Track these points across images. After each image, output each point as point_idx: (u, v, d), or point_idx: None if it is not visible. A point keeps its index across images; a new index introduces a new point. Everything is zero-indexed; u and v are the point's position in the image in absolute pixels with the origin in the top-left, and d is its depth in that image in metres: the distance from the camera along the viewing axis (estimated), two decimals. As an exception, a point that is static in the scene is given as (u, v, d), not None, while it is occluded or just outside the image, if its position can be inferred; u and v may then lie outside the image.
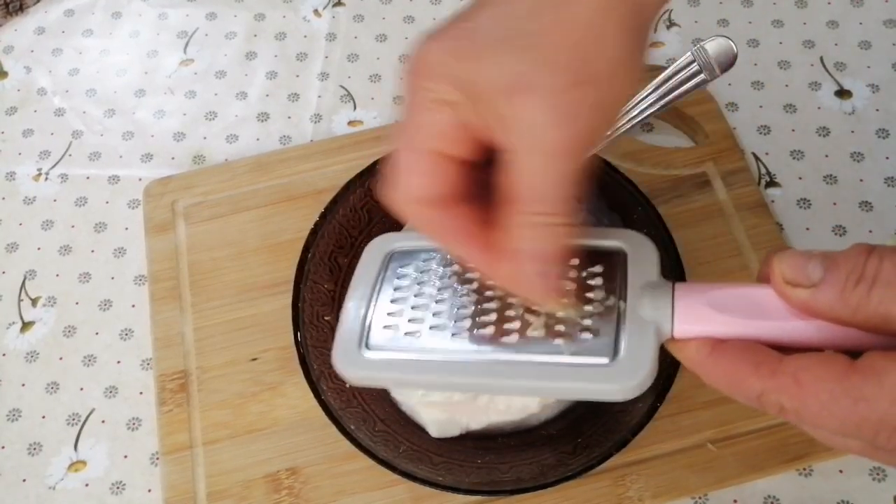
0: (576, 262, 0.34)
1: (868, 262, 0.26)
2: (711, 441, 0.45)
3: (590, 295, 0.33)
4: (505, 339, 0.33)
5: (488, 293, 0.35)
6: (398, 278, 0.37)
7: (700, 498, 0.44)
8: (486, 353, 0.33)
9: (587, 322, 0.32)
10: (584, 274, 0.34)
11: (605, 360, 0.31)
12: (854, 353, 0.27)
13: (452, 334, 0.33)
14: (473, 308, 0.34)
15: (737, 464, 0.44)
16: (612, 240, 0.35)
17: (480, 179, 0.31)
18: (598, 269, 0.34)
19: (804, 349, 0.28)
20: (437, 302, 0.35)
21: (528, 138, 0.28)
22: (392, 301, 0.36)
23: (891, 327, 0.25)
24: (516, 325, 0.33)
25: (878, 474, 0.44)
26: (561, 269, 0.31)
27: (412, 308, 0.35)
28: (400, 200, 0.31)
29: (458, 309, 0.34)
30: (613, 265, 0.34)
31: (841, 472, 0.44)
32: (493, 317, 0.33)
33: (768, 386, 0.27)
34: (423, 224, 0.31)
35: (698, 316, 0.29)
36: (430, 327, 0.34)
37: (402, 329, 0.34)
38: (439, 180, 0.30)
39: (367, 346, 0.34)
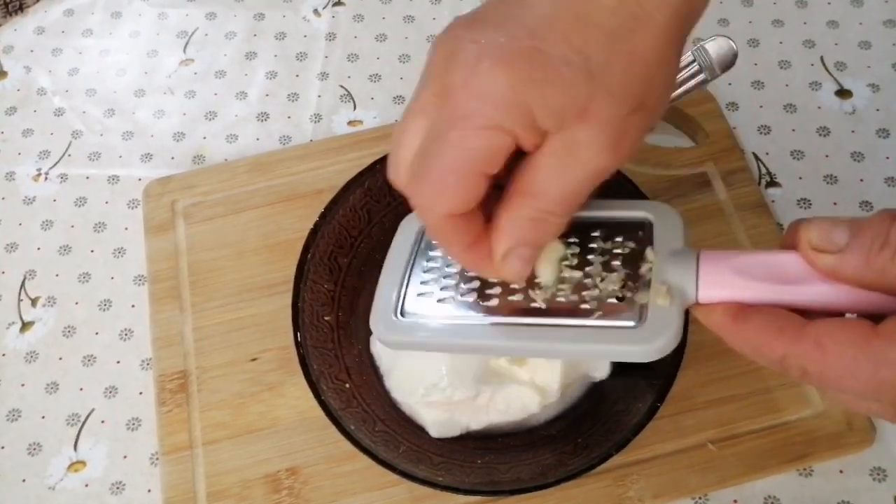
0: (601, 232, 0.36)
1: (893, 228, 0.26)
2: (712, 441, 0.45)
3: (616, 262, 0.34)
4: (534, 305, 0.34)
5: None
6: (430, 250, 0.38)
7: (700, 498, 0.44)
8: (516, 318, 0.34)
9: (614, 287, 0.33)
10: (612, 243, 0.35)
11: (631, 324, 0.32)
12: (877, 318, 0.27)
13: (483, 301, 0.35)
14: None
15: (737, 464, 0.44)
16: (638, 210, 0.36)
17: None
18: (624, 237, 0.35)
19: (828, 314, 0.29)
20: (467, 272, 0.36)
21: (573, 154, 0.29)
22: (425, 271, 0.37)
23: None
24: (545, 292, 0.34)
25: (878, 474, 0.44)
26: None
27: (444, 278, 0.36)
28: (428, 210, 0.31)
29: (488, 279, 0.35)
30: (641, 234, 0.35)
31: (841, 472, 0.44)
32: (522, 285, 0.35)
33: (791, 350, 0.27)
34: (442, 232, 0.32)
35: (723, 281, 0.30)
36: (462, 294, 0.35)
37: (434, 297, 0.36)
38: (474, 199, 0.30)
39: (402, 313, 0.36)
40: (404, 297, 0.36)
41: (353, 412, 0.43)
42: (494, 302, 0.35)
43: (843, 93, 0.58)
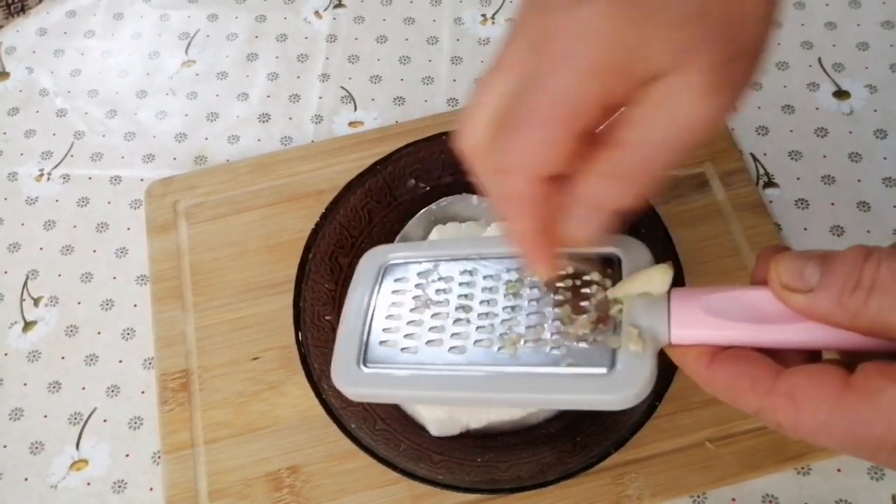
0: (569, 270, 0.34)
1: (865, 267, 0.25)
2: (710, 440, 0.45)
3: (584, 304, 0.33)
4: (502, 352, 0.33)
5: (483, 306, 0.35)
6: (393, 292, 0.37)
7: (699, 496, 0.44)
8: (483, 367, 0.33)
9: (584, 331, 0.32)
10: (579, 282, 0.34)
11: (602, 370, 0.31)
12: (855, 355, 0.27)
13: (449, 348, 0.33)
14: (470, 320, 0.34)
15: (735, 462, 0.44)
16: (604, 246, 0.34)
17: None
18: (593, 276, 0.34)
19: (803, 350, 0.29)
20: (433, 316, 0.35)
21: (669, 101, 0.26)
22: (387, 317, 0.36)
23: (889, 334, 0.25)
24: (513, 336, 0.33)
25: (876, 473, 0.44)
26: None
27: (408, 323, 0.35)
28: (516, 172, 0.28)
29: (454, 322, 0.34)
30: (608, 271, 0.34)
31: (839, 470, 0.44)
32: (489, 329, 0.34)
33: (765, 404, 0.27)
34: (524, 202, 0.28)
35: (694, 321, 0.29)
36: (427, 342, 0.34)
37: (399, 344, 0.34)
38: (570, 160, 0.27)
39: (365, 363, 0.35)
40: (367, 345, 0.35)
41: (353, 411, 0.43)
42: (462, 349, 0.33)
43: (840, 94, 0.58)
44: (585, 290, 0.33)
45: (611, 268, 0.34)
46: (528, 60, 0.27)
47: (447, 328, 0.34)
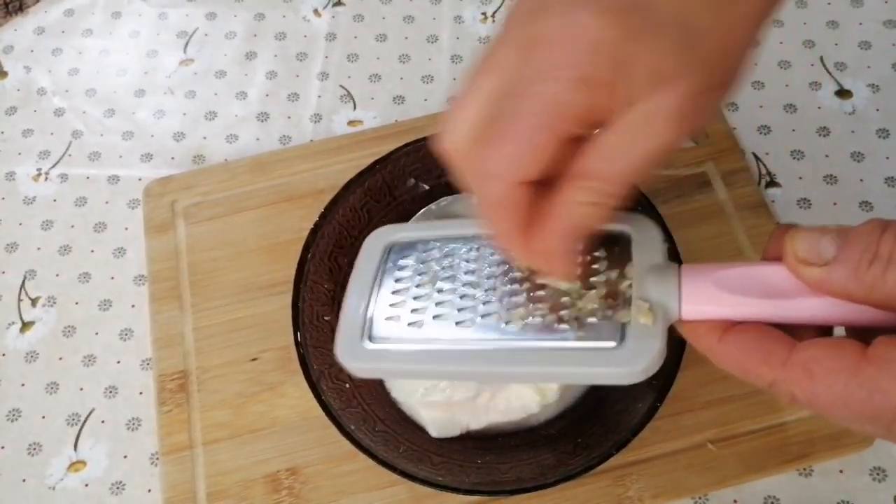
0: (580, 246, 0.34)
1: (882, 240, 0.25)
2: (712, 441, 0.45)
3: (595, 279, 0.33)
4: (509, 326, 0.32)
5: (490, 281, 0.34)
6: (399, 269, 0.36)
7: (700, 498, 0.44)
8: (490, 341, 0.32)
9: (593, 306, 0.31)
10: (589, 258, 0.34)
11: (612, 344, 0.30)
12: (867, 332, 0.26)
13: (456, 323, 0.33)
14: (476, 296, 0.34)
15: (737, 464, 0.44)
16: (616, 223, 0.34)
17: None
18: (602, 252, 0.34)
19: (816, 327, 0.28)
20: (439, 292, 0.34)
21: (646, 125, 0.26)
22: (394, 293, 0.35)
23: None
24: (521, 311, 0.33)
25: (878, 474, 0.44)
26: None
27: (414, 299, 0.35)
28: (498, 177, 0.28)
29: (460, 297, 0.34)
30: (618, 248, 0.33)
31: (841, 472, 0.44)
32: (496, 304, 0.33)
33: (780, 376, 0.26)
34: (505, 207, 0.29)
35: (706, 297, 0.29)
36: (434, 317, 0.33)
37: (404, 319, 0.34)
38: (547, 165, 0.27)
39: (369, 337, 0.34)
40: (372, 321, 0.34)
41: (353, 412, 0.43)
42: (469, 323, 0.33)
43: (843, 93, 0.58)
44: (595, 266, 0.33)
45: (622, 244, 0.34)
46: (516, 64, 0.27)
47: (454, 303, 0.34)
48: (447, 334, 0.33)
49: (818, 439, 0.44)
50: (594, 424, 0.43)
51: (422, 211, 0.49)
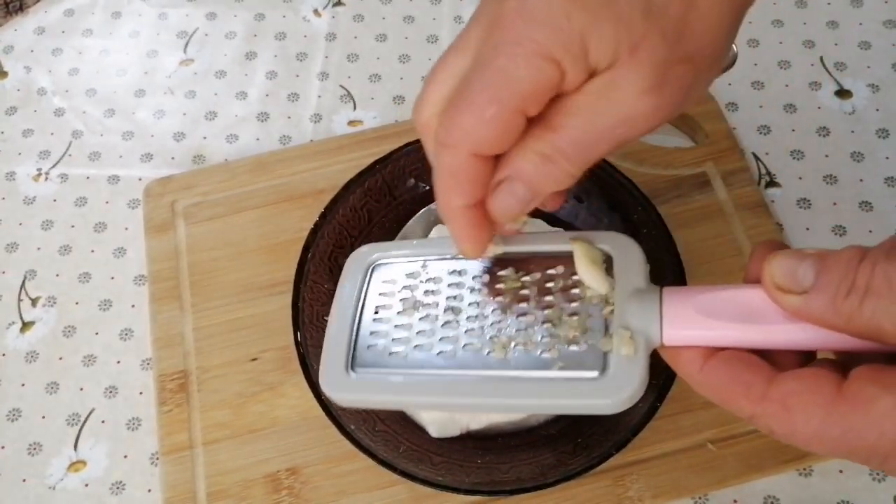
0: (560, 269, 0.34)
1: (860, 270, 0.25)
2: (711, 441, 0.45)
3: (574, 304, 0.32)
4: (492, 356, 0.32)
5: (472, 308, 0.34)
6: (380, 294, 0.36)
7: (700, 498, 0.44)
8: (473, 370, 0.32)
9: (575, 333, 0.31)
10: (570, 282, 0.33)
11: (594, 374, 0.30)
12: (850, 356, 0.27)
13: (438, 352, 0.33)
14: (459, 323, 0.34)
15: (737, 464, 0.44)
16: (598, 244, 0.34)
17: None
18: (582, 276, 0.33)
19: (796, 350, 0.28)
20: (421, 319, 0.34)
21: (607, 91, 0.27)
22: (375, 319, 0.35)
23: (883, 338, 0.25)
24: (503, 340, 0.32)
25: (878, 475, 0.44)
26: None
27: (395, 327, 0.34)
28: (456, 146, 0.29)
29: (442, 326, 0.34)
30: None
31: (841, 472, 0.44)
32: (478, 333, 0.33)
33: (758, 411, 0.27)
34: (458, 176, 0.29)
35: (687, 322, 0.29)
36: (415, 346, 0.33)
37: (387, 348, 0.34)
38: (508, 139, 0.28)
39: (353, 367, 0.34)
40: (355, 349, 0.34)
41: (353, 412, 0.43)
42: (452, 352, 0.33)
43: (842, 93, 0.58)
44: (575, 291, 0.33)
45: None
46: (483, 42, 0.28)
47: (436, 331, 0.33)
48: (430, 363, 0.33)
49: (818, 439, 0.44)
50: (594, 424, 0.43)
51: (422, 211, 0.49)
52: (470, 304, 0.34)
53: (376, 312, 0.35)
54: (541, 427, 0.45)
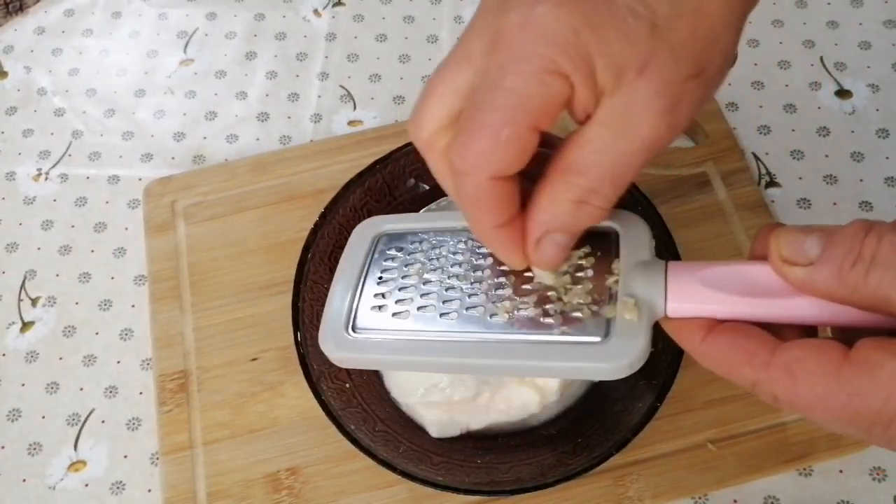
0: (570, 246, 0.34)
1: (866, 242, 0.25)
2: (711, 441, 0.45)
3: (581, 274, 0.33)
4: (495, 319, 0.32)
5: (478, 274, 0.34)
6: (386, 260, 0.36)
7: (700, 498, 0.44)
8: (475, 333, 0.32)
9: (579, 301, 0.32)
10: (577, 253, 0.33)
11: (597, 339, 0.30)
12: (851, 332, 0.27)
13: (441, 314, 0.33)
14: (463, 288, 0.34)
15: (737, 464, 0.44)
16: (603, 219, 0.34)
17: None
18: (588, 248, 0.34)
19: (800, 326, 0.28)
20: (425, 283, 0.34)
21: (625, 119, 0.27)
22: (379, 283, 0.35)
23: (889, 309, 0.25)
24: (507, 304, 0.33)
25: (877, 474, 0.44)
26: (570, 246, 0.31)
27: (400, 290, 0.35)
28: (471, 172, 0.28)
29: (447, 290, 0.34)
30: (605, 244, 0.33)
31: (841, 472, 0.44)
32: (482, 297, 0.33)
33: (762, 377, 0.26)
34: (479, 202, 0.29)
35: (691, 294, 0.29)
36: (419, 308, 0.34)
37: (389, 310, 0.34)
38: (523, 159, 0.28)
39: (353, 328, 0.34)
40: (356, 311, 0.34)
41: (353, 412, 0.43)
42: (455, 315, 0.33)
43: (842, 93, 0.58)
44: (581, 261, 0.33)
45: (609, 240, 0.33)
46: (485, 57, 0.27)
47: (440, 295, 0.34)
48: (432, 326, 0.33)
49: (818, 439, 0.44)
50: (594, 424, 0.43)
51: (422, 211, 0.49)
52: (476, 271, 0.34)
53: (381, 278, 0.35)
54: (541, 427, 0.45)
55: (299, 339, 0.44)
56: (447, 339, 0.32)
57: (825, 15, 0.62)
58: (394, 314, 0.34)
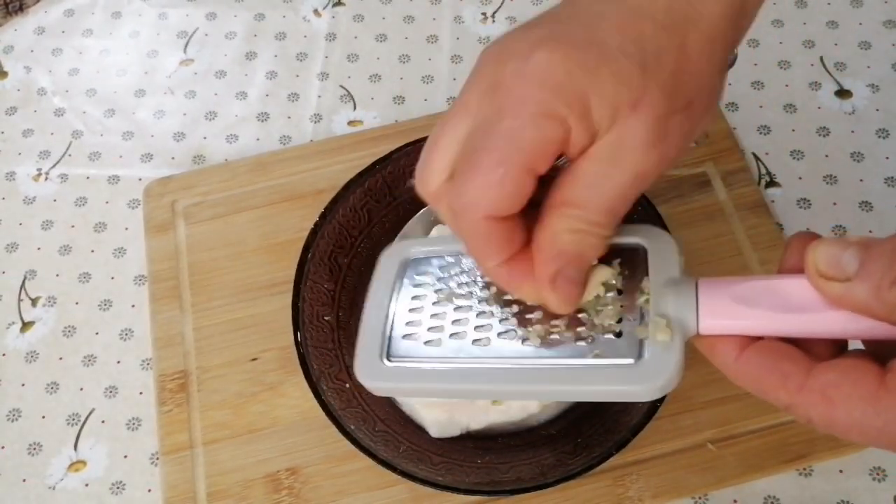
0: (594, 261, 0.33)
1: None
2: (711, 441, 0.45)
3: (611, 294, 0.32)
4: (527, 344, 0.32)
5: (508, 297, 0.34)
6: (415, 286, 0.36)
7: (700, 498, 0.44)
8: (508, 359, 0.32)
9: (610, 322, 0.31)
10: (608, 271, 0.33)
11: (630, 361, 0.30)
12: (885, 348, 0.27)
13: (473, 341, 0.33)
14: (493, 313, 0.34)
15: (737, 464, 0.44)
16: (631, 236, 0.34)
17: None
18: (618, 267, 0.33)
19: (830, 340, 0.28)
20: (455, 309, 0.34)
21: (618, 153, 0.28)
22: (411, 310, 0.35)
23: None
24: (539, 329, 0.32)
25: (877, 474, 0.44)
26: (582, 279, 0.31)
27: (431, 317, 0.34)
28: (469, 212, 0.29)
29: (477, 315, 0.34)
30: (634, 262, 0.33)
31: (841, 472, 0.44)
32: (514, 321, 0.33)
33: (796, 401, 0.26)
34: (481, 241, 0.30)
35: (724, 311, 0.29)
36: (451, 335, 0.34)
37: (422, 338, 0.34)
38: (520, 200, 0.28)
39: (388, 356, 0.34)
40: (390, 339, 0.34)
41: (353, 412, 0.43)
42: (487, 341, 0.33)
43: (842, 93, 0.58)
44: (611, 281, 0.33)
45: (637, 258, 0.33)
46: (484, 105, 0.28)
47: (471, 321, 0.34)
48: (465, 352, 0.33)
49: (818, 439, 0.44)
50: (594, 424, 0.43)
51: (422, 211, 0.49)
52: (505, 295, 0.34)
53: (411, 305, 0.35)
54: (541, 427, 0.45)
55: (299, 339, 0.44)
56: (481, 367, 0.32)
57: (825, 15, 0.62)
58: (426, 342, 0.34)
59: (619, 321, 0.31)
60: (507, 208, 0.29)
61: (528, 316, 0.33)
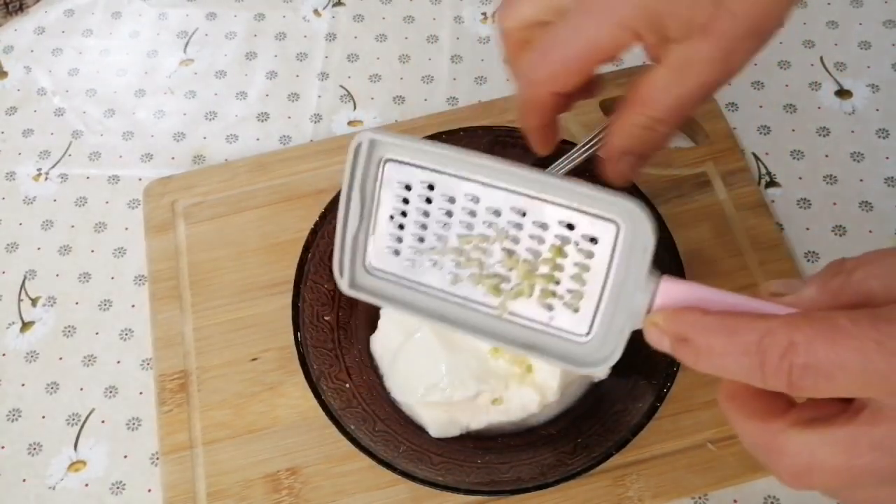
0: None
1: (847, 260, 0.27)
2: (711, 441, 0.45)
3: (574, 265, 0.33)
4: (488, 297, 0.34)
5: (480, 243, 0.34)
6: (395, 196, 0.35)
7: (700, 498, 0.44)
8: (470, 302, 0.34)
9: (571, 295, 0.33)
10: (580, 244, 0.33)
11: (581, 333, 0.32)
12: None
13: (447, 272, 0.35)
14: (466, 253, 0.34)
15: (737, 464, 0.44)
16: (610, 210, 0.32)
17: None
18: (590, 241, 0.33)
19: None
20: (435, 237, 0.35)
21: (686, 65, 0.33)
22: (392, 217, 0.35)
23: (873, 301, 0.25)
24: (500, 287, 0.34)
25: (878, 474, 0.44)
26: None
27: (416, 239, 0.35)
28: (539, 85, 0.35)
29: (452, 250, 0.34)
30: (606, 237, 0.32)
31: (841, 472, 0.44)
32: (481, 267, 0.34)
33: (772, 325, 0.25)
34: (536, 106, 0.36)
35: (679, 301, 0.29)
36: (428, 260, 0.35)
37: (403, 255, 0.35)
38: (583, 83, 0.35)
39: (365, 265, 0.36)
40: (368, 247, 0.35)
41: (353, 412, 0.43)
42: (456, 278, 0.34)
43: (842, 93, 0.58)
44: (575, 253, 0.33)
45: (610, 231, 0.32)
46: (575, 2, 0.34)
47: (446, 252, 0.35)
48: (435, 282, 0.35)
49: (818, 439, 0.44)
50: (594, 424, 0.43)
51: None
52: (479, 237, 0.34)
53: (391, 213, 0.35)
54: (541, 427, 0.45)
55: (299, 339, 0.44)
56: (446, 302, 0.35)
57: (825, 15, 0.62)
58: (407, 260, 0.35)
59: (579, 296, 0.32)
60: (570, 87, 0.35)
61: (496, 266, 0.34)
